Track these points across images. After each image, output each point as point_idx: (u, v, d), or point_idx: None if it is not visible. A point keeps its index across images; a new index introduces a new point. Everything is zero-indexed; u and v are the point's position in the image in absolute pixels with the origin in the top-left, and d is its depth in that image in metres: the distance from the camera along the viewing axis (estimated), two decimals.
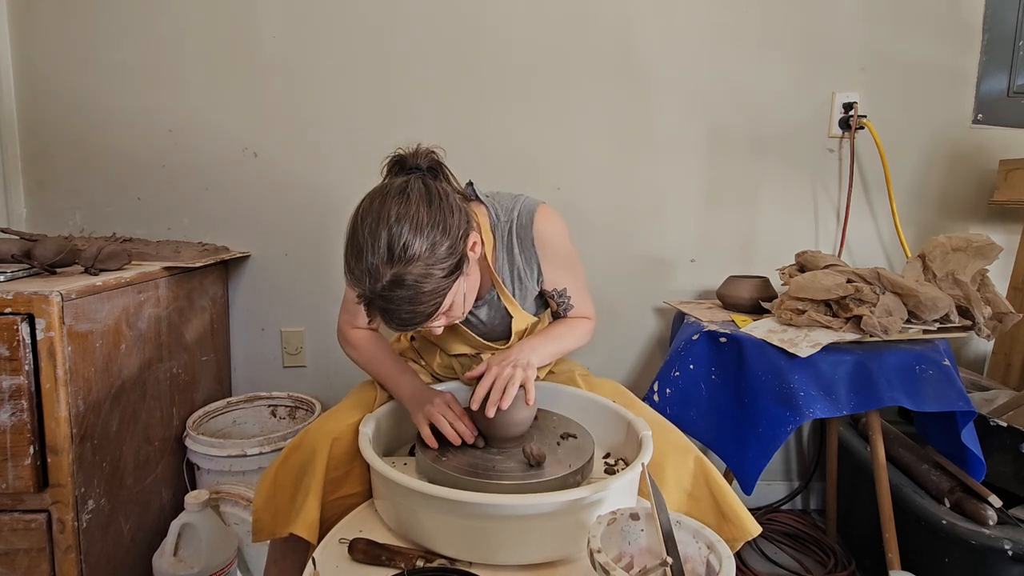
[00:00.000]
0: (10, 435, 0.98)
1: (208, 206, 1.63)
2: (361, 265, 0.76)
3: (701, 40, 1.62)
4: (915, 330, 1.20)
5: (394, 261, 0.75)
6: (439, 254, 0.78)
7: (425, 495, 0.71)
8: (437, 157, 0.90)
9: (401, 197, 0.79)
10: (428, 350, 1.18)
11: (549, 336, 1.04)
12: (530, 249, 1.01)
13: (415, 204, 0.78)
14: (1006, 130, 1.66)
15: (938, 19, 1.62)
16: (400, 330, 0.84)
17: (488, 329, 1.08)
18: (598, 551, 0.61)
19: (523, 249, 1.01)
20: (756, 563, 1.51)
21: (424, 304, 0.78)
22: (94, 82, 1.57)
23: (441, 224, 0.79)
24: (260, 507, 0.93)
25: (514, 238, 1.00)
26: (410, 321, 0.79)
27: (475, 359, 1.12)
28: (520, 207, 1.01)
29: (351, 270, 0.78)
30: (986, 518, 1.14)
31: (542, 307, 1.14)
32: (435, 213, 0.79)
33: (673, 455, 0.91)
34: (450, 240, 0.79)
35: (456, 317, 0.87)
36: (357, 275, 0.77)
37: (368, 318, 0.81)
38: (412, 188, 0.80)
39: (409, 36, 1.59)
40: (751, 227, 1.70)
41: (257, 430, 1.59)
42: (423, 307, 0.78)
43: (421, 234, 0.77)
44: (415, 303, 0.77)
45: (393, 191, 0.80)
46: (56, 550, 1.04)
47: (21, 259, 1.13)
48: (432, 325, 0.84)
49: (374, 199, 0.80)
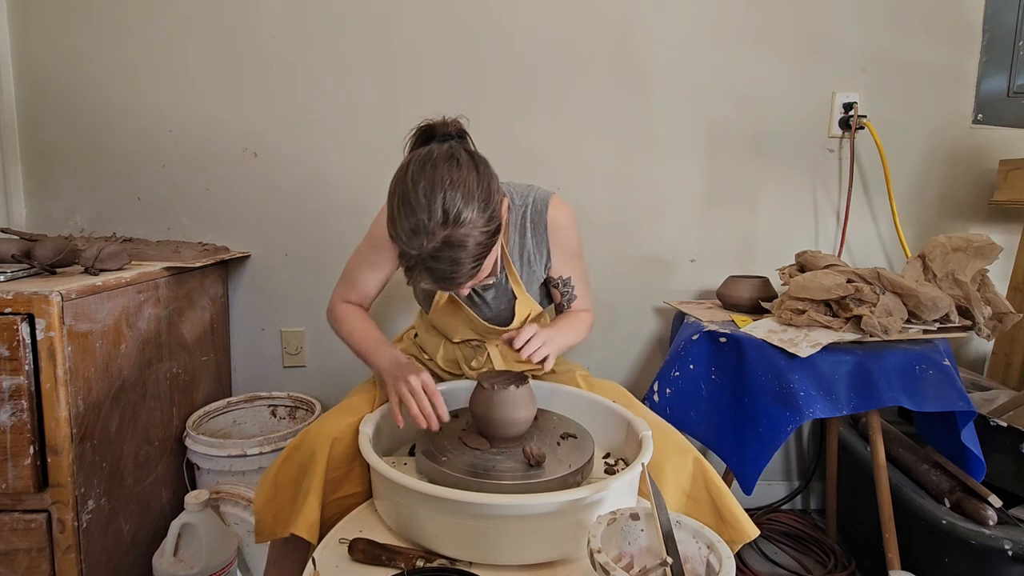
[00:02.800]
0: (10, 435, 0.98)
1: (208, 206, 1.63)
2: (415, 226, 0.78)
3: (701, 40, 1.62)
4: (915, 330, 1.20)
5: (448, 223, 0.78)
6: (485, 217, 0.81)
7: (425, 495, 0.71)
8: (462, 126, 0.94)
9: (451, 162, 0.82)
10: (431, 342, 1.18)
11: (560, 328, 1.05)
12: (542, 234, 1.05)
13: (465, 169, 0.82)
14: (1006, 130, 1.66)
15: (938, 19, 1.63)
16: (441, 288, 0.87)
17: (494, 313, 1.10)
18: (598, 551, 0.61)
19: (535, 234, 1.05)
20: (756, 563, 1.51)
21: (469, 264, 0.81)
22: (94, 82, 1.57)
23: (487, 189, 0.82)
24: (261, 508, 0.93)
25: (527, 222, 1.05)
26: (454, 280, 0.82)
27: (479, 349, 1.14)
28: (535, 194, 1.06)
29: (401, 231, 0.80)
30: (986, 518, 1.14)
31: (545, 298, 1.16)
32: (482, 179, 0.82)
33: (672, 456, 0.91)
34: (493, 205, 0.83)
35: (483, 280, 0.89)
36: (408, 235, 0.79)
37: (409, 281, 0.84)
38: (459, 154, 0.83)
39: (410, 37, 1.59)
40: (751, 227, 1.70)
41: (257, 430, 1.59)
42: (468, 267, 0.81)
43: (472, 198, 0.80)
44: (462, 263, 0.80)
45: (442, 156, 0.82)
46: (56, 550, 1.04)
47: (21, 259, 1.13)
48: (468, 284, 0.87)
49: (425, 163, 0.82)
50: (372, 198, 1.63)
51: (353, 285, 1.10)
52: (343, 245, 1.66)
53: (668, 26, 1.61)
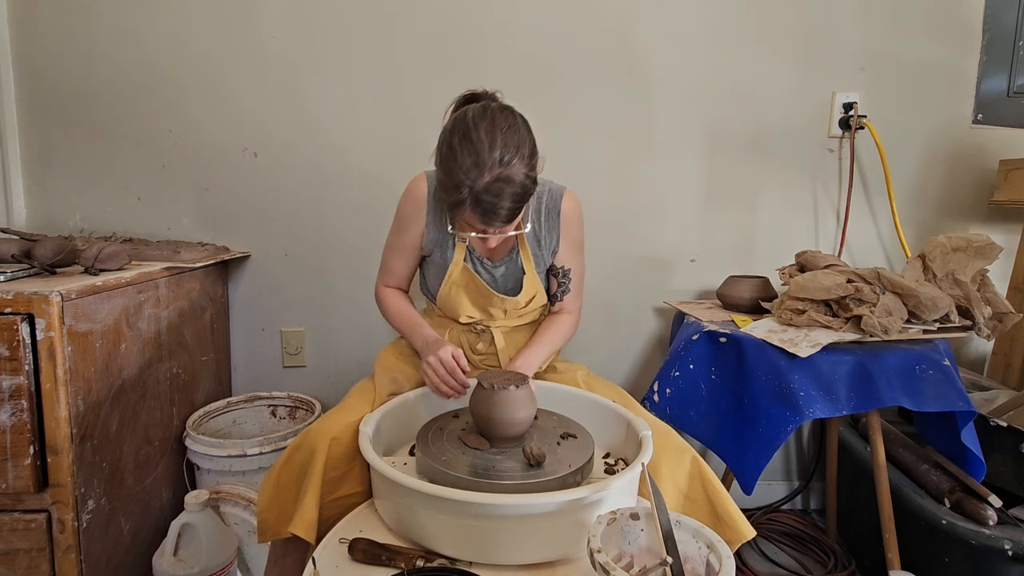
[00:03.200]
0: (10, 435, 0.98)
1: (208, 206, 1.63)
2: (475, 160, 0.88)
3: (701, 40, 1.62)
4: (915, 330, 1.20)
5: (502, 162, 0.88)
6: (529, 166, 0.92)
7: (425, 495, 0.71)
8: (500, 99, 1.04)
9: (506, 113, 0.93)
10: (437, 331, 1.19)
11: (540, 344, 1.14)
12: (554, 221, 1.14)
13: (518, 121, 0.94)
14: (1006, 130, 1.66)
15: (938, 19, 1.63)
16: (489, 224, 0.94)
17: (502, 290, 1.15)
18: (598, 551, 0.61)
19: (548, 220, 1.14)
20: (756, 563, 1.51)
21: (512, 203, 0.91)
22: (94, 82, 1.57)
23: (532, 144, 0.94)
24: (264, 508, 0.93)
25: (543, 208, 1.13)
26: (498, 215, 0.91)
27: (483, 334, 1.17)
28: (551, 185, 1.15)
29: (459, 165, 0.89)
30: (986, 518, 1.15)
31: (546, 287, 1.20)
32: (529, 134, 0.94)
33: (669, 455, 0.91)
34: (535, 159, 0.94)
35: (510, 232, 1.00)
36: (466, 168, 0.88)
37: (453, 222, 0.97)
38: (512, 110, 0.95)
39: (411, 37, 1.59)
40: (751, 227, 1.70)
41: (257, 430, 1.59)
42: (510, 205, 0.91)
43: (523, 145, 0.91)
44: (512, 199, 0.90)
45: (499, 108, 0.93)
46: (56, 550, 1.04)
47: (21, 259, 1.13)
48: (506, 229, 0.98)
49: (484, 111, 0.92)
50: (372, 198, 1.64)
51: (389, 272, 1.20)
52: (343, 245, 1.66)
53: (668, 26, 1.61)
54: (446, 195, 0.93)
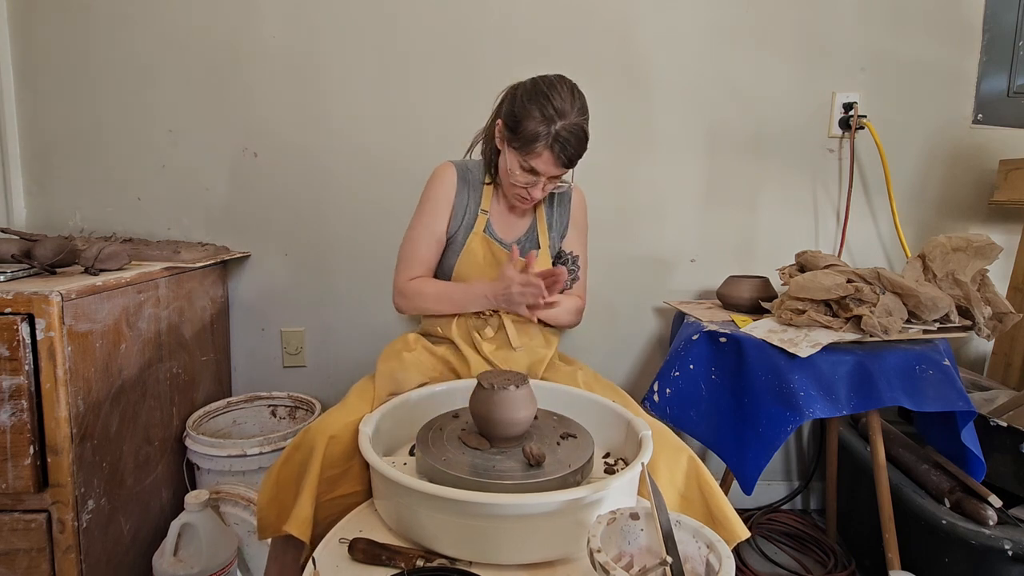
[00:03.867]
0: (10, 435, 0.98)
1: (208, 206, 1.63)
2: (559, 107, 1.05)
3: (701, 40, 1.62)
4: (915, 330, 1.20)
5: (579, 112, 1.07)
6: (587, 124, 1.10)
7: (425, 494, 0.71)
8: None
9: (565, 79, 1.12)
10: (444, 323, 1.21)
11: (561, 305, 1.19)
12: (566, 206, 1.29)
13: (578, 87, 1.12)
14: (1006, 130, 1.66)
15: (938, 19, 1.63)
16: (557, 160, 1.08)
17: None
18: (598, 551, 0.61)
19: (560, 205, 1.28)
20: (756, 563, 1.51)
21: (581, 148, 1.08)
22: (94, 82, 1.57)
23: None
24: (264, 505, 0.93)
25: (554, 193, 1.25)
26: (571, 156, 1.08)
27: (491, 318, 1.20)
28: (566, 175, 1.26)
29: (544, 110, 1.05)
30: (986, 518, 1.15)
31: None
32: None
33: (666, 454, 0.91)
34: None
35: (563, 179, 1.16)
36: (549, 114, 1.05)
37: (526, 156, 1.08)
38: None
39: (411, 37, 1.59)
40: (751, 227, 1.70)
41: (257, 430, 1.59)
42: (579, 150, 1.08)
43: (587, 109, 1.10)
44: (579, 145, 1.08)
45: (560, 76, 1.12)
46: (56, 550, 1.04)
47: (21, 259, 1.13)
48: (560, 175, 1.13)
49: (561, 76, 1.12)
50: (373, 197, 1.64)
51: (413, 261, 1.21)
52: (343, 245, 1.66)
53: (668, 26, 1.61)
54: (523, 134, 1.06)
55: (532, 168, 1.10)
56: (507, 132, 1.11)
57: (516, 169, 1.12)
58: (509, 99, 1.13)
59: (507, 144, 1.12)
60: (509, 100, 1.13)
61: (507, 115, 1.11)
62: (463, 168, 1.23)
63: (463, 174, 1.23)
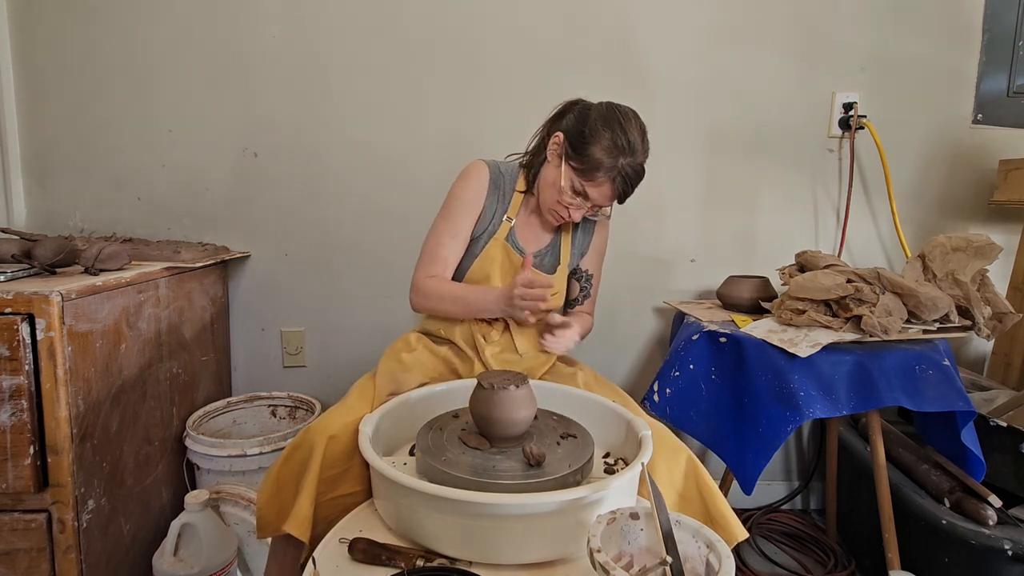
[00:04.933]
0: (10, 435, 0.98)
1: (208, 206, 1.63)
2: (631, 141, 1.05)
3: (701, 40, 1.62)
4: (915, 330, 1.20)
5: (644, 151, 1.08)
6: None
7: (425, 494, 0.71)
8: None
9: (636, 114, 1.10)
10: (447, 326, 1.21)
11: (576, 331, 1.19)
12: (590, 225, 1.28)
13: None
14: (1006, 130, 1.66)
15: (938, 19, 1.63)
16: (613, 193, 1.09)
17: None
18: (598, 550, 0.61)
19: (586, 226, 1.28)
20: (756, 563, 1.51)
21: (635, 188, 1.09)
22: (94, 82, 1.57)
23: None
24: (264, 504, 0.93)
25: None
26: (626, 193, 1.09)
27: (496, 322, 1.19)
28: None
29: (619, 139, 1.04)
30: (986, 518, 1.15)
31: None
32: None
33: (665, 454, 0.91)
34: None
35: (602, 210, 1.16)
36: (621, 144, 1.04)
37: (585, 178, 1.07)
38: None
39: (411, 37, 1.59)
40: (751, 227, 1.70)
41: (257, 430, 1.59)
42: (634, 189, 1.10)
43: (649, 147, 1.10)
44: (636, 184, 1.09)
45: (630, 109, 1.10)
46: (56, 550, 1.04)
47: (21, 259, 1.13)
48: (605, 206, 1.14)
49: (623, 106, 1.10)
50: (373, 198, 1.64)
51: (435, 259, 1.17)
52: (343, 245, 1.66)
53: (668, 26, 1.61)
54: (587, 157, 1.05)
55: (585, 192, 1.08)
56: (568, 148, 1.08)
57: (567, 187, 1.09)
58: (577, 116, 1.10)
59: (564, 160, 1.09)
60: (577, 117, 1.09)
61: (573, 132, 1.08)
62: (495, 171, 1.20)
63: (495, 177, 1.19)
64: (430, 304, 1.17)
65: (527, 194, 1.21)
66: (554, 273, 1.22)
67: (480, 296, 1.13)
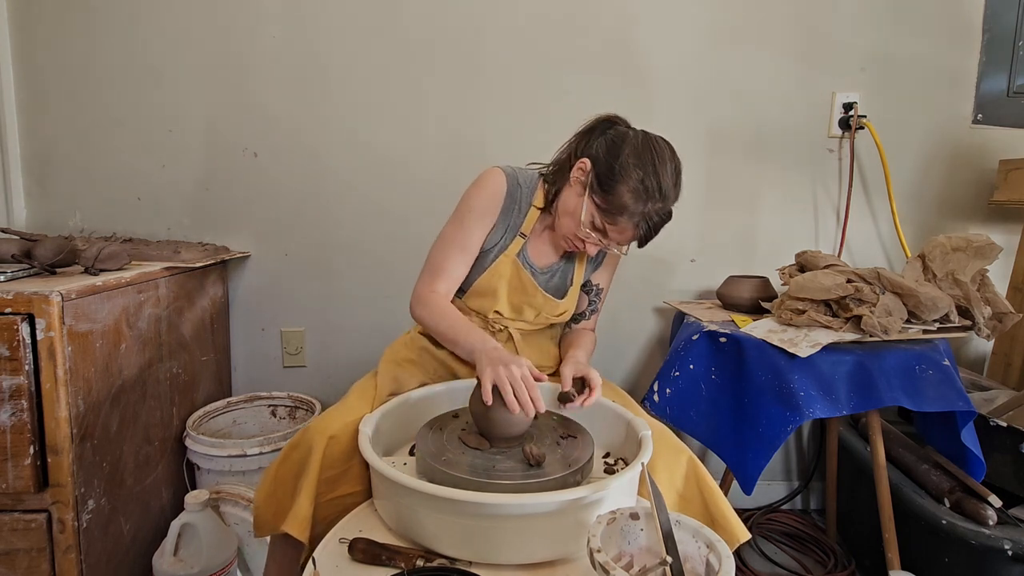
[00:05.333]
0: (10, 435, 0.98)
1: (208, 206, 1.63)
2: (662, 185, 0.96)
3: (701, 40, 1.62)
4: (915, 330, 1.20)
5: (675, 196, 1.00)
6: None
7: (425, 495, 0.71)
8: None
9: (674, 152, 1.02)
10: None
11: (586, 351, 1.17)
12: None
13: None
14: (1006, 130, 1.66)
15: (938, 19, 1.63)
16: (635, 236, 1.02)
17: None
18: (598, 550, 0.61)
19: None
20: (756, 563, 1.51)
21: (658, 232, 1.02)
22: (94, 81, 1.57)
23: None
24: (261, 503, 0.93)
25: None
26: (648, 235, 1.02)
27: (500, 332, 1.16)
28: None
29: (646, 181, 0.96)
30: (986, 518, 1.14)
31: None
32: None
33: (666, 455, 0.91)
34: None
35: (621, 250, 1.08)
36: (651, 187, 0.96)
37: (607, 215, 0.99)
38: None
39: (411, 37, 1.59)
40: (751, 227, 1.70)
41: (257, 430, 1.59)
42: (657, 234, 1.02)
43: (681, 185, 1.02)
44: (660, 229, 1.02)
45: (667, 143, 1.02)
46: (56, 550, 1.04)
47: (21, 259, 1.13)
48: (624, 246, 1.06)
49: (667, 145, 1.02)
50: (373, 197, 1.64)
51: (440, 273, 1.09)
52: (343, 245, 1.66)
53: (668, 26, 1.61)
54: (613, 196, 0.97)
55: (605, 231, 1.01)
56: (595, 181, 1.00)
57: (587, 221, 1.02)
58: (609, 146, 1.01)
59: (588, 192, 1.01)
60: (609, 147, 1.01)
61: (602, 163, 1.00)
62: (513, 182, 1.10)
63: (512, 189, 1.10)
64: (427, 321, 1.08)
65: (544, 212, 1.13)
66: (563, 297, 1.16)
67: (470, 340, 0.99)
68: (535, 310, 1.14)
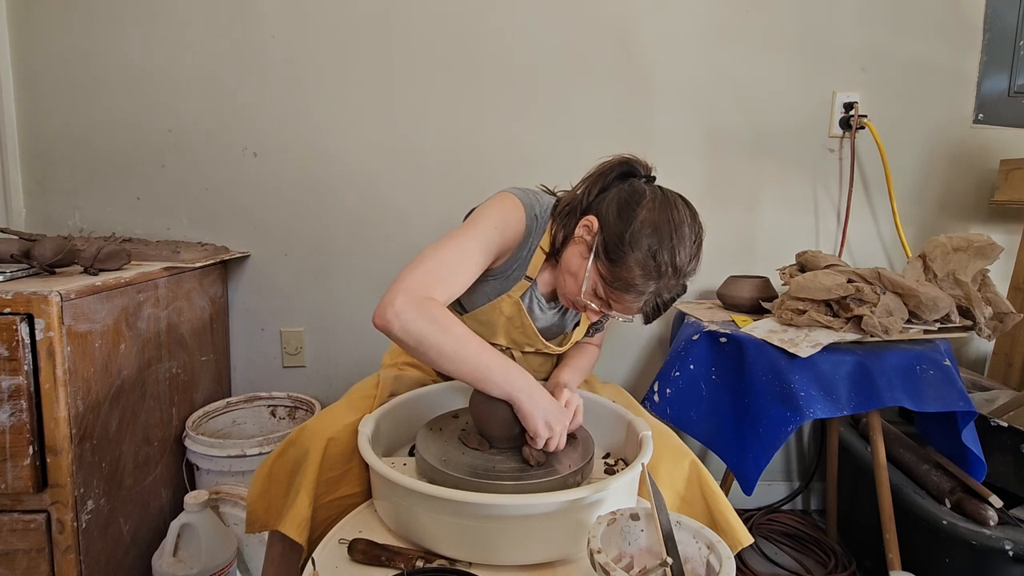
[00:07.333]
0: (9, 435, 0.98)
1: (208, 206, 1.63)
2: (677, 263, 0.85)
3: (701, 40, 1.62)
4: (916, 330, 1.20)
5: (691, 269, 0.90)
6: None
7: (425, 495, 0.71)
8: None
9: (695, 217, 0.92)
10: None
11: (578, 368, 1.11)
12: None
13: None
14: (1006, 130, 1.66)
15: (938, 19, 1.62)
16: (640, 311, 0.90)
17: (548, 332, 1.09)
18: (598, 551, 0.61)
19: None
20: (756, 563, 1.51)
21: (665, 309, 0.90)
22: (94, 82, 1.57)
23: None
24: (254, 499, 0.93)
25: None
26: (657, 314, 0.90)
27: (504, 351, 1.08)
28: None
29: (658, 257, 0.84)
30: (987, 518, 1.14)
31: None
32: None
33: (669, 458, 0.90)
34: None
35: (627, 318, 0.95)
36: (663, 263, 0.84)
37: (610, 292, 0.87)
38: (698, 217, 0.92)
39: (411, 36, 1.58)
40: (751, 227, 1.70)
41: (257, 430, 1.59)
42: (662, 311, 0.90)
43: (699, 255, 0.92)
44: (671, 303, 0.91)
45: (694, 213, 0.93)
46: (55, 550, 1.03)
47: (20, 259, 1.12)
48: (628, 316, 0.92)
49: (694, 212, 0.92)
50: (372, 198, 1.64)
51: (443, 279, 0.86)
52: (343, 245, 1.66)
53: (668, 26, 1.61)
54: (620, 269, 0.84)
55: (608, 303, 0.89)
56: (601, 247, 0.87)
57: (589, 290, 0.90)
58: (620, 206, 0.88)
59: (593, 257, 0.88)
60: (620, 207, 0.88)
61: (611, 227, 0.86)
62: (531, 218, 0.97)
63: (530, 224, 0.97)
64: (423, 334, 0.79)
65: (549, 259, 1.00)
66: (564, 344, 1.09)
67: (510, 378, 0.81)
68: (534, 348, 1.09)
